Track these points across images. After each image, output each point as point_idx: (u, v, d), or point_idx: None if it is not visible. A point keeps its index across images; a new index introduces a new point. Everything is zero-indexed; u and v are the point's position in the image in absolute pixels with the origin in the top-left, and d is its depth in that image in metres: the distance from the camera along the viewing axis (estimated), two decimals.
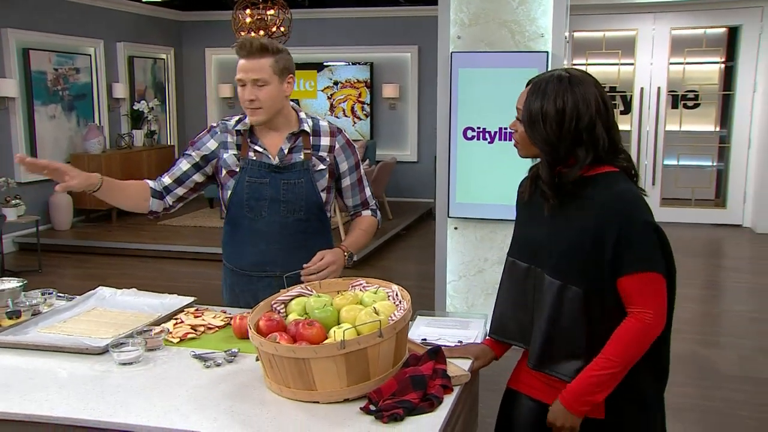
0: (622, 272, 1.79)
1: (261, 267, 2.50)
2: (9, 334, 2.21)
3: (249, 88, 2.38)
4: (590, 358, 1.84)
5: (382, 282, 2.06)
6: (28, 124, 8.25)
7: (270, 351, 1.77)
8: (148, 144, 10.09)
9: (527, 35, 4.51)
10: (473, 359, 2.07)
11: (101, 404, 1.80)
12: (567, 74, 1.84)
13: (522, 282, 1.99)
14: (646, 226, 1.81)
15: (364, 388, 1.78)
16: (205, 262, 7.58)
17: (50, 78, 8.53)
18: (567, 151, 1.82)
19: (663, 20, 8.99)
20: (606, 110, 1.83)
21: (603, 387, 1.81)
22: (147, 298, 2.60)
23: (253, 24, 8.29)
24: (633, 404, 1.90)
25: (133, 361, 2.04)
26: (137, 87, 10.14)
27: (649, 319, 1.78)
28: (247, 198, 2.47)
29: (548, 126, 1.81)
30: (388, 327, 1.77)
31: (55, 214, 8.43)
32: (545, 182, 1.86)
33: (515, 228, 2.08)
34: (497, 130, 4.57)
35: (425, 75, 10.34)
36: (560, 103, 1.80)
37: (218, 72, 11.25)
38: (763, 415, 4.01)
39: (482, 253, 4.78)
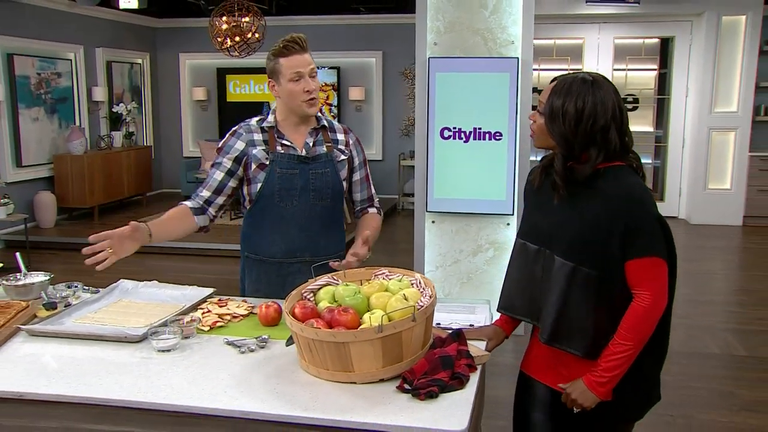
0: (629, 257, 1.84)
1: (292, 253, 2.50)
2: (47, 324, 2.16)
3: (307, 80, 2.40)
4: (596, 334, 1.89)
5: (404, 270, 2.08)
6: (13, 127, 8.05)
7: (311, 336, 1.77)
8: (127, 145, 9.89)
9: (498, 42, 4.56)
10: (487, 340, 2.10)
11: (152, 388, 1.78)
12: (590, 78, 1.87)
13: (532, 263, 2.01)
14: (652, 217, 1.85)
15: (398, 368, 1.79)
16: (186, 257, 7.49)
17: (33, 82, 8.33)
18: (581, 149, 1.86)
19: (607, 30, 9.16)
20: (621, 116, 1.86)
21: (621, 368, 1.86)
22: (168, 290, 2.57)
23: (230, 30, 8.17)
24: (634, 383, 1.94)
25: (170, 348, 2.02)
26: (115, 90, 9.94)
27: (648, 301, 1.83)
28: (278, 188, 2.46)
29: (567, 123, 1.84)
30: (420, 312, 1.79)
31: (40, 212, 8.21)
32: (558, 174, 1.88)
33: (525, 213, 2.10)
34: (472, 130, 4.61)
35: (389, 78, 10.37)
36: (581, 103, 1.83)
37: (192, 76, 11.09)
38: (712, 386, 4.16)
39: (458, 244, 4.82)
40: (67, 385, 1.79)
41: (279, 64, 2.42)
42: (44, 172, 8.55)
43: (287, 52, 2.40)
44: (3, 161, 7.92)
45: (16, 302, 2.30)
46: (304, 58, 2.42)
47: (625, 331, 1.85)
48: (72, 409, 1.75)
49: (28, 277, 2.50)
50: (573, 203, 1.90)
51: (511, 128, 4.55)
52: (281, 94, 2.47)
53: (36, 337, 2.12)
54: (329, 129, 2.58)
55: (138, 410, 1.72)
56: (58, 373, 1.87)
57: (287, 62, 2.40)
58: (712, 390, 4.11)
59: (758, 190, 8.78)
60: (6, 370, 1.89)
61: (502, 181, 4.61)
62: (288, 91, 2.43)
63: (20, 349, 2.04)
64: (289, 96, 2.44)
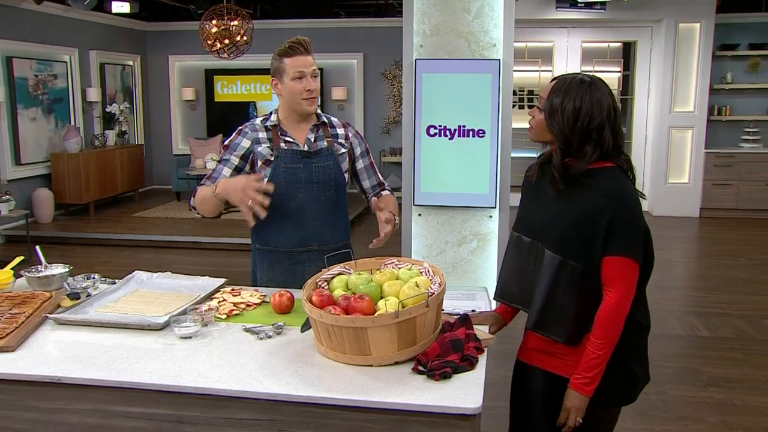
0: (607, 253, 1.86)
1: (301, 243, 2.51)
2: (71, 313, 2.14)
3: (309, 80, 2.41)
4: (577, 324, 1.92)
5: (412, 260, 2.09)
6: (12, 126, 7.93)
7: (330, 322, 1.77)
8: (120, 143, 9.77)
9: (481, 45, 4.58)
10: (489, 325, 2.12)
11: (180, 372, 1.77)
12: (589, 79, 1.89)
13: (525, 255, 2.03)
14: (635, 220, 1.87)
15: (412, 351, 1.81)
16: (180, 250, 7.43)
17: (31, 83, 8.20)
18: (578, 145, 1.88)
19: (575, 34, 9.24)
20: (615, 116, 1.89)
21: (599, 366, 1.90)
22: (181, 280, 2.55)
23: (219, 33, 8.10)
24: (621, 370, 1.97)
25: (192, 336, 2.01)
26: (108, 91, 9.80)
27: (614, 301, 1.86)
28: (284, 182, 2.46)
29: (565, 120, 1.86)
30: (433, 298, 1.80)
31: (38, 208, 8.08)
32: (557, 168, 1.90)
33: (521, 207, 2.11)
34: (456, 128, 4.63)
35: (369, 79, 10.35)
36: (578, 102, 1.85)
37: (180, 77, 10.97)
38: (680, 364, 4.25)
39: (443, 236, 4.84)
40: (99, 371, 1.78)
41: (283, 64, 2.43)
42: (42, 169, 8.43)
43: (292, 53, 2.42)
44: (3, 159, 7.81)
45: (40, 293, 2.27)
46: (307, 59, 2.44)
47: (596, 330, 1.88)
48: (105, 393, 1.75)
49: (48, 269, 2.46)
50: (566, 200, 1.92)
51: (493, 126, 4.57)
52: (283, 92, 2.47)
53: (62, 325, 2.09)
54: (329, 125, 2.60)
55: (168, 393, 1.72)
56: (89, 359, 1.85)
57: (291, 62, 2.41)
58: (680, 368, 4.20)
59: (713, 184, 8.94)
60: (41, 356, 1.87)
61: (485, 175, 4.63)
62: (290, 89, 2.44)
63: (49, 336, 2.02)
64: (291, 94, 2.44)
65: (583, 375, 1.91)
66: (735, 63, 9.08)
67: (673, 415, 3.55)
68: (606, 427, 2.10)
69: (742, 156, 8.89)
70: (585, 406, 1.92)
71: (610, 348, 1.89)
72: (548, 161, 2.02)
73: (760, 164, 8.85)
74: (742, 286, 5.94)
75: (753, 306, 5.42)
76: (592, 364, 1.89)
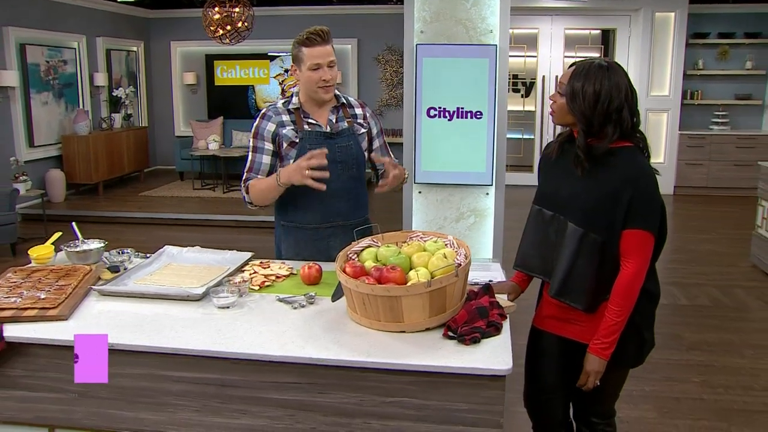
0: (627, 226, 1.88)
1: (326, 219, 2.49)
2: (113, 285, 2.12)
3: (326, 70, 2.37)
4: (596, 292, 1.94)
5: (436, 233, 2.09)
6: (25, 110, 7.81)
7: (366, 291, 1.77)
8: (126, 126, 9.63)
9: (479, 31, 4.54)
10: (507, 294, 2.13)
11: (224, 339, 1.78)
12: (606, 63, 1.89)
13: (546, 227, 2.04)
14: (653, 196, 1.89)
15: (442, 318, 1.82)
16: (187, 227, 7.38)
17: (43, 69, 8.06)
18: (599, 126, 1.88)
19: (558, 22, 9.20)
20: (632, 98, 1.89)
21: (617, 333, 1.93)
22: (210, 254, 2.53)
23: (221, 20, 7.97)
24: (631, 336, 1.99)
25: (230, 306, 2.01)
26: (114, 76, 9.64)
27: (632, 271, 1.89)
28: None
29: (586, 102, 1.86)
30: (461, 268, 1.80)
31: (51, 188, 7.98)
32: (581, 149, 1.90)
33: (541, 182, 2.11)
34: (455, 110, 4.60)
35: (363, 63, 10.25)
36: (598, 86, 1.85)
37: (182, 62, 10.79)
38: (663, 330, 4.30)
39: (442, 212, 4.83)
40: (148, 337, 1.78)
41: (302, 53, 2.39)
42: (54, 151, 8.32)
43: (310, 43, 2.37)
44: (18, 142, 7.71)
45: (80, 266, 2.25)
46: (325, 49, 2.39)
47: (614, 299, 1.91)
48: (155, 358, 1.76)
49: (84, 244, 2.43)
50: (589, 177, 1.93)
51: (490, 108, 4.56)
52: (301, 79, 2.45)
53: (105, 296, 2.08)
54: (347, 105, 2.57)
55: (215, 359, 1.72)
56: (137, 327, 1.85)
57: (309, 52, 2.37)
58: (664, 334, 4.25)
59: (686, 163, 9.00)
60: (92, 325, 1.86)
61: (482, 155, 4.63)
62: (307, 78, 2.41)
63: (95, 306, 2.01)
64: (308, 82, 2.42)
65: (602, 340, 1.93)
66: (706, 51, 9.11)
67: (661, 376, 3.60)
68: (617, 387, 2.14)
69: (712, 138, 8.95)
70: (604, 369, 1.95)
71: (626, 315, 1.91)
72: (567, 140, 2.02)
73: (728, 146, 8.91)
74: (715, 258, 6.01)
75: (725, 276, 5.50)
76: (611, 330, 1.92)
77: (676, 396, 3.44)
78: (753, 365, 3.83)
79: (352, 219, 2.52)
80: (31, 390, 1.81)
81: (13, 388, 1.83)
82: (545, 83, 9.33)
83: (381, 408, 1.70)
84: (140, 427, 1.81)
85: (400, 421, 1.70)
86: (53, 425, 1.84)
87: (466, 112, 4.60)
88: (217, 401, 1.76)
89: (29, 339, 1.77)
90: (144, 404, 1.79)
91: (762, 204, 5.61)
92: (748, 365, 3.83)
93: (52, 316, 1.85)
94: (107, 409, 1.81)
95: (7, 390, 1.83)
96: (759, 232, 5.63)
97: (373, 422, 1.71)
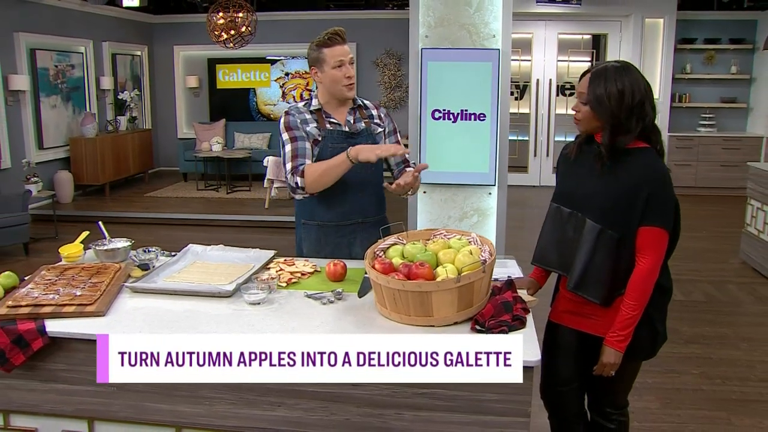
0: (643, 223, 1.91)
1: (348, 216, 2.49)
2: (144, 282, 2.12)
3: (348, 67, 2.38)
4: (612, 287, 1.96)
5: (459, 231, 2.10)
6: (35, 113, 7.79)
7: (397, 287, 1.78)
8: (131, 128, 9.59)
9: (482, 35, 4.57)
10: (526, 289, 2.15)
11: (262, 333, 1.77)
12: (619, 64, 1.91)
13: (564, 224, 2.06)
14: (669, 195, 1.92)
15: (469, 312, 1.83)
16: (193, 227, 7.35)
17: (51, 73, 8.04)
18: (625, 121, 1.89)
19: (552, 27, 9.24)
20: (650, 92, 1.91)
21: (632, 326, 1.96)
22: (234, 252, 2.53)
23: (225, 25, 7.96)
24: (645, 329, 2.02)
25: (260, 302, 2.01)
26: (119, 80, 9.60)
27: (647, 267, 1.92)
28: None
29: (613, 103, 1.87)
30: (488, 264, 1.81)
31: (59, 189, 7.94)
32: (605, 146, 1.91)
33: (559, 181, 2.13)
34: (459, 112, 4.62)
35: (362, 67, 10.24)
36: (620, 85, 1.87)
37: (184, 66, 10.76)
38: None
39: (446, 212, 4.85)
40: (185, 333, 1.77)
41: (323, 54, 2.40)
42: (62, 153, 8.28)
43: (330, 43, 2.39)
44: (29, 144, 7.69)
45: (110, 264, 2.25)
46: (344, 48, 2.41)
47: (630, 293, 1.94)
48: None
49: (111, 243, 2.43)
50: (608, 176, 1.95)
51: (492, 110, 4.59)
52: (324, 80, 2.44)
53: (136, 293, 2.08)
54: (364, 107, 2.58)
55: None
56: (173, 323, 1.86)
57: (330, 52, 2.38)
58: None
59: (675, 164, 9.05)
60: (129, 320, 1.87)
61: (485, 156, 4.65)
62: (331, 77, 2.41)
63: (129, 303, 2.01)
64: (332, 81, 2.42)
65: (618, 333, 1.95)
66: (693, 55, 9.19)
67: (663, 369, 3.63)
68: (631, 378, 2.17)
69: (700, 139, 9.02)
70: (620, 361, 1.97)
71: (641, 309, 1.94)
72: (586, 142, 2.04)
73: (715, 147, 8.99)
74: (707, 256, 6.06)
75: (717, 273, 5.55)
76: (627, 323, 1.94)
77: (677, 387, 3.47)
78: (748, 357, 3.87)
79: (370, 216, 2.53)
80: (72, 383, 1.82)
81: (54, 382, 1.83)
82: (539, 86, 9.37)
83: (413, 399, 1.71)
84: (177, 420, 1.81)
85: (432, 411, 1.71)
86: (92, 417, 1.84)
87: (470, 115, 4.62)
88: (253, 394, 1.77)
89: (70, 334, 1.77)
90: (181, 397, 1.79)
91: (751, 203, 5.66)
92: (744, 357, 3.87)
93: (90, 312, 1.85)
94: (145, 402, 1.81)
95: (48, 383, 1.83)
96: (748, 230, 5.69)
97: (405, 413, 1.72)
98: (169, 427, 1.83)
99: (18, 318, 1.79)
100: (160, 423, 1.82)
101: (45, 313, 1.82)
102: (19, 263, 5.79)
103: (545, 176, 9.53)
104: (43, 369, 1.82)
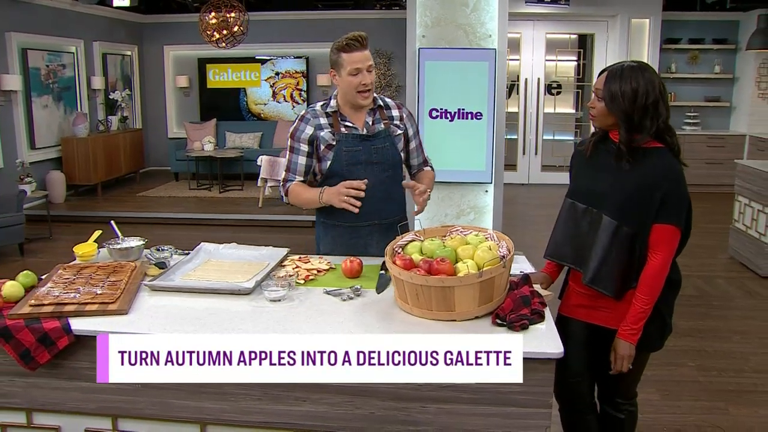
0: (657, 220, 1.94)
1: (364, 217, 2.46)
2: (162, 280, 2.11)
3: (364, 74, 2.35)
4: (625, 281, 1.99)
5: (475, 227, 2.12)
6: (26, 113, 7.68)
7: (420, 282, 1.80)
8: (122, 128, 9.50)
9: (478, 35, 4.59)
10: (540, 283, 2.17)
11: (286, 331, 1.78)
12: (635, 63, 1.93)
13: (579, 219, 2.08)
14: (683, 194, 1.96)
15: (489, 307, 1.85)
16: (187, 226, 7.30)
17: (43, 73, 7.93)
18: (639, 120, 1.91)
19: (540, 27, 9.29)
20: (665, 92, 1.94)
21: (643, 319, 1.99)
22: (246, 250, 2.52)
23: (217, 25, 7.91)
24: (654, 322, 2.05)
25: (280, 299, 2.01)
26: (110, 79, 9.50)
27: (659, 263, 1.95)
28: (346, 164, 2.44)
29: (626, 101, 1.90)
30: (507, 259, 1.83)
31: (52, 189, 7.84)
32: (623, 143, 1.94)
33: (574, 178, 2.15)
34: (456, 111, 4.65)
35: None
36: (635, 84, 1.89)
37: (174, 66, 10.67)
38: None
39: (443, 209, 4.87)
40: (214, 332, 1.77)
41: (341, 58, 2.38)
42: (54, 153, 8.18)
43: (349, 48, 2.36)
44: (20, 144, 7.58)
45: (126, 262, 2.24)
46: (364, 54, 2.37)
47: (643, 287, 1.97)
48: None
49: (125, 242, 2.41)
50: (625, 174, 1.97)
51: (489, 109, 4.61)
52: (341, 84, 2.43)
53: (155, 291, 2.07)
54: (384, 107, 2.56)
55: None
56: (196, 320, 1.85)
57: (348, 57, 2.36)
58: None
59: None
60: (151, 318, 1.86)
61: (482, 154, 4.68)
62: (347, 83, 2.40)
63: (149, 301, 2.00)
64: (347, 87, 2.40)
65: (631, 327, 1.98)
66: (678, 55, 9.30)
67: (660, 362, 3.67)
68: (640, 369, 2.20)
69: (685, 138, 9.11)
70: (634, 352, 2.00)
71: (653, 303, 1.97)
72: (601, 140, 2.06)
73: (700, 145, 9.09)
74: (696, 251, 6.14)
75: (707, 268, 5.63)
76: (639, 317, 1.97)
77: (676, 379, 3.53)
78: (741, 349, 3.94)
79: (389, 217, 2.53)
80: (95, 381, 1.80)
81: (78, 380, 1.82)
82: (527, 85, 9.43)
83: (437, 392, 1.72)
84: (202, 416, 1.81)
85: (456, 404, 1.73)
86: (116, 415, 1.84)
87: (467, 113, 4.65)
88: (278, 389, 1.77)
89: (94, 332, 1.76)
90: (206, 393, 1.79)
91: (739, 199, 5.75)
92: (737, 349, 3.94)
93: (113, 311, 1.84)
94: (169, 399, 1.81)
95: (73, 381, 1.82)
96: (736, 226, 5.77)
97: (429, 406, 1.74)
98: (193, 423, 1.82)
99: (42, 317, 1.78)
100: (184, 419, 1.82)
101: (68, 311, 1.81)
102: (15, 263, 5.72)
103: (534, 174, 9.59)
104: (66, 367, 1.81)
